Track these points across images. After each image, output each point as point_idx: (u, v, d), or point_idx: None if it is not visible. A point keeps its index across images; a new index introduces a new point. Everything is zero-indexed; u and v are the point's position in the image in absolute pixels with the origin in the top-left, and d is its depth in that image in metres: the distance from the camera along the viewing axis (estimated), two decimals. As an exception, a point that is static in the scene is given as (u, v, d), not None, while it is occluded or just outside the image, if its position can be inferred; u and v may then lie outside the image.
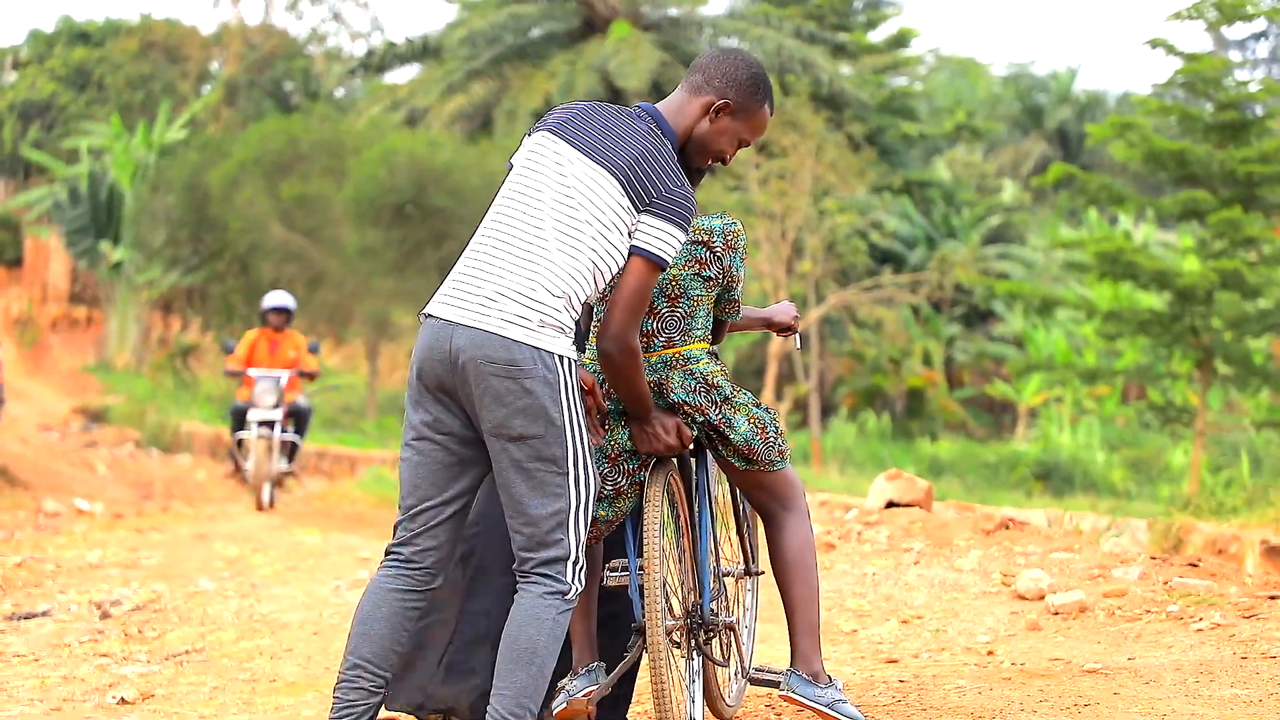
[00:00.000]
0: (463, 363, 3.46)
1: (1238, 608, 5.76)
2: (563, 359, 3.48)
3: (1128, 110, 37.56)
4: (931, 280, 28.53)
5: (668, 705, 3.64)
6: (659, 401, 3.81)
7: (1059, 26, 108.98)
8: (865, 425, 28.37)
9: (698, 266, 3.85)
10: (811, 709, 3.84)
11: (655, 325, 3.84)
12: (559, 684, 3.79)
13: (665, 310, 3.84)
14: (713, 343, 3.96)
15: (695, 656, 3.93)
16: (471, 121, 31.54)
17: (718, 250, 3.86)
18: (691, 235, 3.86)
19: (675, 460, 3.91)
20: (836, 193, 26.13)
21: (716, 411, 3.81)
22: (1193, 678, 4.67)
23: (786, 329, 4.25)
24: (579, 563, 3.53)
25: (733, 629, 3.96)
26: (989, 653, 5.50)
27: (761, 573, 4.37)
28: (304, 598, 7.61)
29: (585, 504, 3.54)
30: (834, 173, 25.39)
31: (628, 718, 4.14)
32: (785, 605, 3.94)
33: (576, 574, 3.53)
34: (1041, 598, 6.23)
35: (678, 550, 3.89)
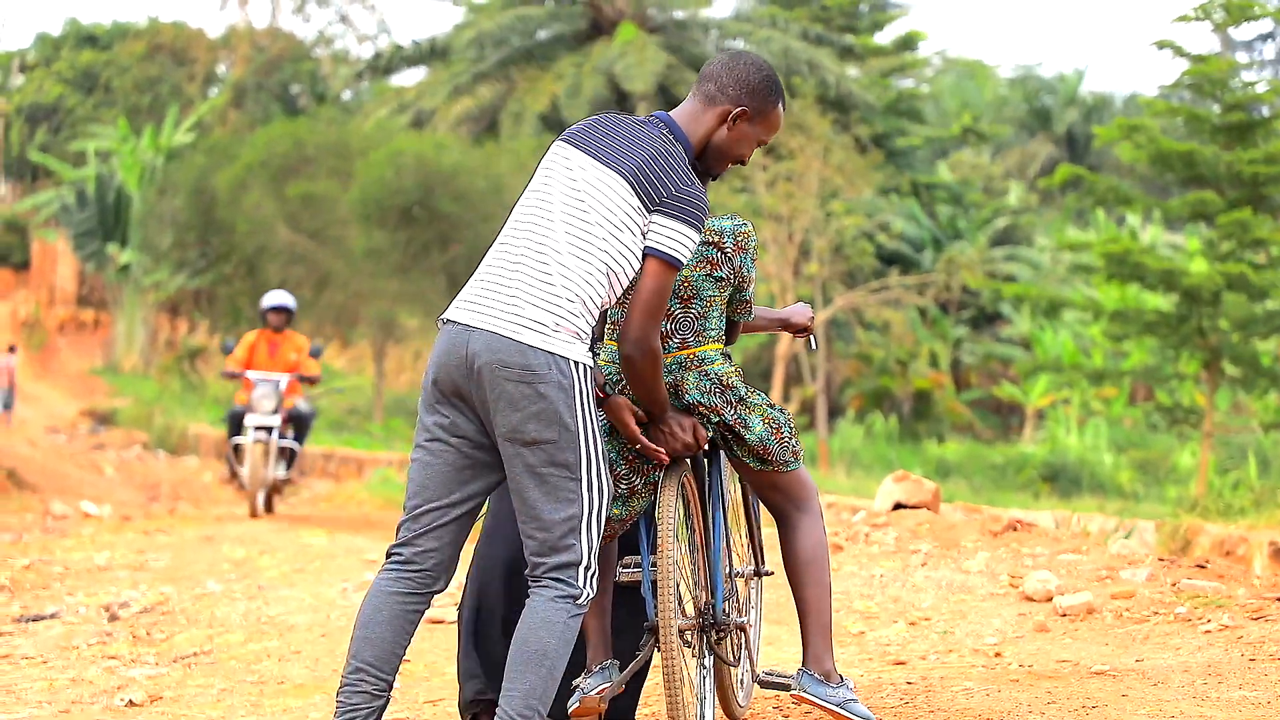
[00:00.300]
0: (478, 367, 3.47)
1: (1246, 609, 5.75)
2: (578, 364, 3.49)
3: (1135, 112, 37.52)
4: (939, 282, 28.52)
5: (679, 705, 3.65)
6: (674, 402, 3.82)
7: (1066, 28, 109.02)
8: (872, 427, 28.36)
9: (709, 267, 3.86)
10: (823, 708, 3.85)
11: (669, 327, 3.85)
12: (573, 683, 3.80)
13: (679, 311, 3.85)
14: (726, 343, 3.96)
15: (707, 656, 3.94)
16: (478, 123, 31.59)
17: (728, 251, 3.87)
18: (702, 236, 3.86)
19: (689, 461, 3.91)
20: (843, 195, 26.11)
21: (732, 412, 3.81)
22: (1201, 679, 4.67)
23: (803, 330, 4.26)
24: (591, 568, 3.54)
25: (744, 629, 3.98)
26: (996, 654, 5.50)
27: (770, 573, 4.38)
28: (311, 600, 7.61)
29: (598, 510, 3.54)
30: (841, 175, 25.36)
31: (633, 719, 4.14)
32: (798, 605, 3.94)
33: (588, 580, 3.54)
34: (1049, 599, 6.22)
35: (691, 550, 3.90)
